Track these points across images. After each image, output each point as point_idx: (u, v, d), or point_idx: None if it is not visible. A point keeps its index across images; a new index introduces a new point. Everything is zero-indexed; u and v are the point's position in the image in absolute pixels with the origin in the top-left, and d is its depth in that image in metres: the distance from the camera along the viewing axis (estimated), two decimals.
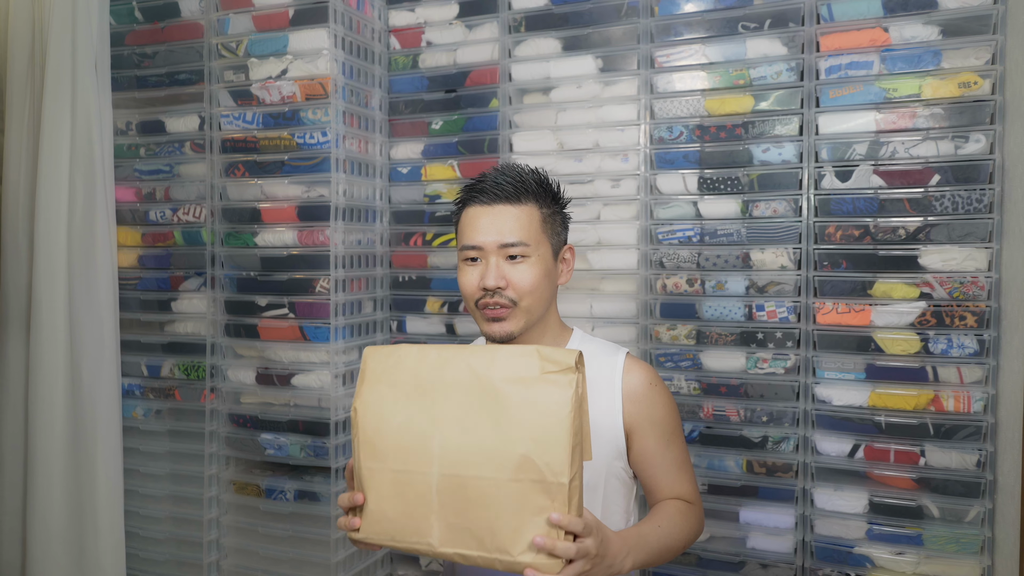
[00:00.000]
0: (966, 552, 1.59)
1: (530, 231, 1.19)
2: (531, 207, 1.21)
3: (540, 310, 1.22)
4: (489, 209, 1.20)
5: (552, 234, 1.24)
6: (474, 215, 1.21)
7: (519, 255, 1.18)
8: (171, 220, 2.11)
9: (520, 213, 1.19)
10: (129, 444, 2.11)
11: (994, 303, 1.58)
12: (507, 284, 1.18)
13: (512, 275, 1.18)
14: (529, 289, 1.18)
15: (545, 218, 1.22)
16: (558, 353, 0.97)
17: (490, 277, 1.17)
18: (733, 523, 1.77)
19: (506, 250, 1.18)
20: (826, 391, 1.69)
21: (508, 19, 1.97)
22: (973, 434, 1.59)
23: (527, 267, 1.18)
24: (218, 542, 2.08)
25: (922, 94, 1.62)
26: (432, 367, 1.02)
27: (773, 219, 1.74)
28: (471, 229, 1.21)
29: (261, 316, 1.99)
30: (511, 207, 1.19)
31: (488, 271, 1.18)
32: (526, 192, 1.21)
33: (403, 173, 2.11)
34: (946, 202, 1.60)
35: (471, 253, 1.21)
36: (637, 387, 1.23)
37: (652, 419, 1.23)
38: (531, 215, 1.20)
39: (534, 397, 0.95)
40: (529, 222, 1.19)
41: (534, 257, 1.19)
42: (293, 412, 1.97)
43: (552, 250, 1.23)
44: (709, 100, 1.78)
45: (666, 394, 1.26)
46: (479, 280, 1.19)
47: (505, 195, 1.19)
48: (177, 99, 2.09)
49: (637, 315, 1.86)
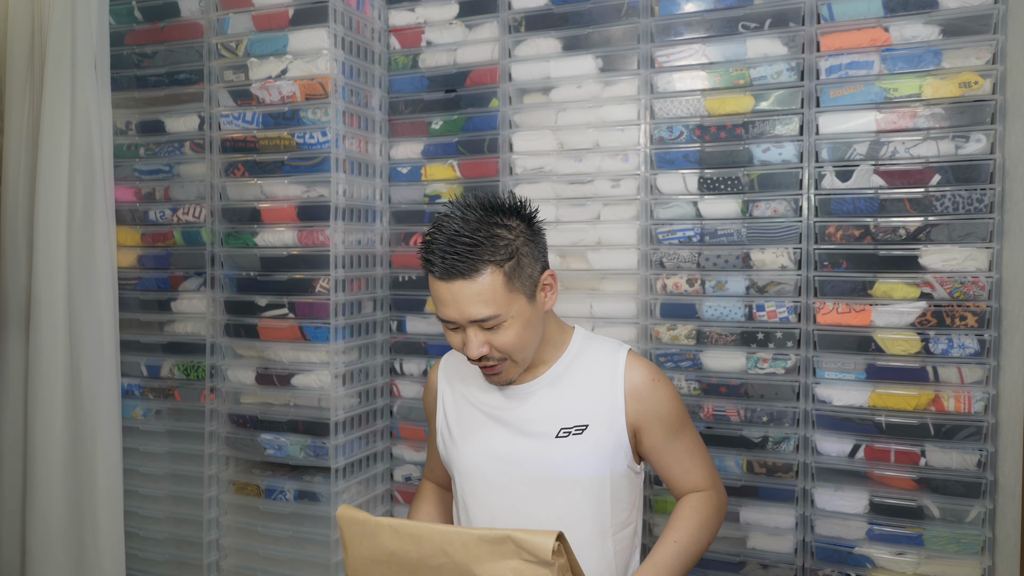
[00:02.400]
0: (967, 552, 1.59)
1: (495, 300, 1.13)
2: (491, 274, 1.13)
3: (531, 352, 1.23)
4: (447, 286, 1.14)
5: (522, 282, 1.17)
6: (436, 288, 1.16)
7: (493, 325, 1.15)
8: (171, 220, 2.11)
9: (480, 288, 1.13)
10: (129, 444, 2.11)
11: (995, 303, 1.58)
12: (491, 348, 1.17)
13: (493, 340, 1.17)
14: (512, 348, 1.18)
15: (508, 274, 1.14)
16: (534, 542, 0.94)
17: (472, 349, 1.16)
18: (733, 523, 1.77)
19: (479, 323, 1.15)
20: (826, 391, 1.69)
21: (508, 19, 1.96)
22: (974, 434, 1.59)
23: (505, 330, 1.16)
24: (218, 542, 2.08)
25: (922, 94, 1.61)
26: (409, 549, 1.01)
27: (773, 219, 1.74)
28: (438, 302, 1.17)
29: (261, 316, 1.99)
30: (468, 282, 1.12)
31: (469, 344, 1.17)
32: (480, 260, 1.12)
33: (403, 173, 2.11)
34: (947, 202, 1.60)
35: (448, 324, 1.19)
36: (639, 384, 1.24)
37: (658, 414, 1.24)
38: (492, 283, 1.13)
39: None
40: (492, 291, 1.13)
41: (509, 319, 1.16)
42: (293, 412, 1.97)
43: (527, 296, 1.18)
44: (709, 100, 1.78)
45: (669, 388, 1.27)
46: (463, 346, 1.19)
47: (459, 272, 1.12)
48: (177, 99, 2.09)
49: (637, 315, 1.85)
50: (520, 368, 1.23)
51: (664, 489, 1.82)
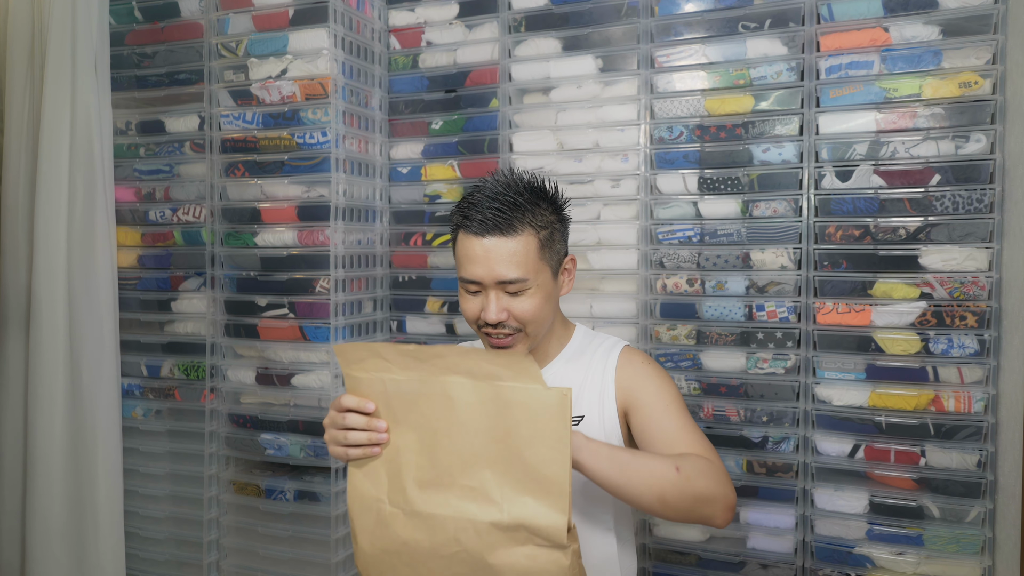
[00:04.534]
0: (966, 552, 1.59)
1: (527, 263, 1.13)
2: (527, 236, 1.13)
3: (544, 329, 1.21)
4: (481, 242, 1.12)
5: (551, 255, 1.17)
6: (467, 245, 1.15)
7: (518, 290, 1.14)
8: (171, 220, 2.11)
9: (515, 247, 1.12)
10: (129, 444, 2.11)
11: (994, 303, 1.58)
12: (509, 316, 1.15)
13: (513, 307, 1.15)
14: (531, 319, 1.16)
15: (543, 243, 1.15)
16: (548, 527, 0.93)
17: (491, 313, 1.14)
18: (733, 523, 1.77)
19: (503, 286, 1.14)
20: (826, 391, 1.69)
21: (508, 19, 1.96)
22: (973, 434, 1.59)
23: (527, 298, 1.15)
24: (218, 542, 2.08)
25: (922, 94, 1.62)
26: (421, 538, 1.00)
27: (773, 219, 1.74)
28: (466, 261, 1.15)
29: (261, 316, 1.99)
30: (505, 240, 1.12)
31: (488, 306, 1.14)
32: (520, 221, 1.13)
33: (403, 173, 2.11)
34: (946, 202, 1.60)
35: (470, 287, 1.17)
36: (627, 368, 1.23)
37: (646, 390, 1.20)
38: (527, 245, 1.13)
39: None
40: (525, 254, 1.13)
41: (534, 287, 1.15)
42: (293, 412, 1.97)
43: (552, 271, 1.18)
44: (709, 100, 1.78)
45: (658, 369, 1.24)
46: (480, 311, 1.16)
47: (497, 227, 1.12)
48: (177, 99, 2.09)
49: (637, 315, 1.85)
50: (529, 346, 1.20)
51: None
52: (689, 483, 1.03)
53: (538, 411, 0.92)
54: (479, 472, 0.95)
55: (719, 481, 1.06)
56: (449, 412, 0.97)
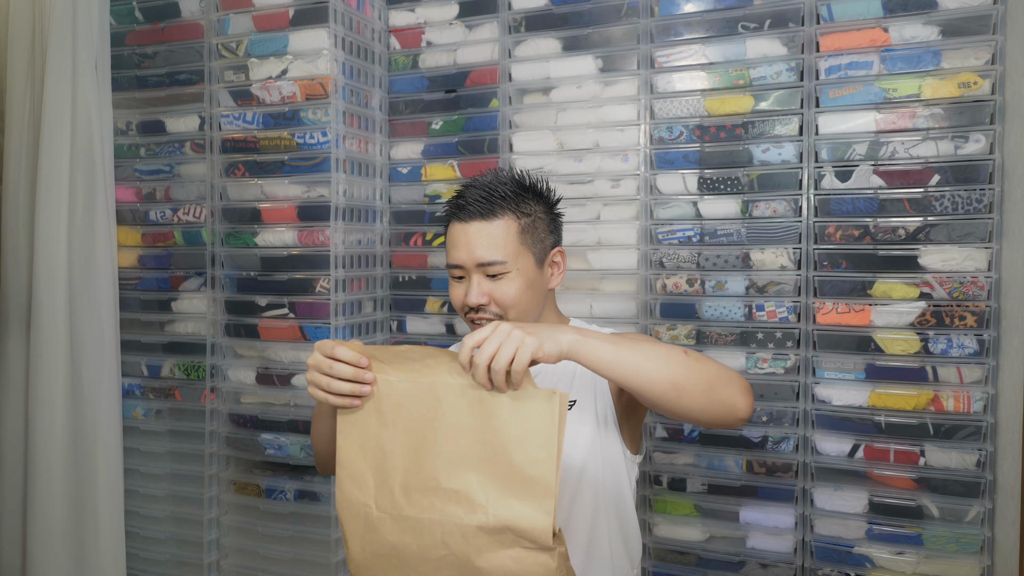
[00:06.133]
0: (966, 552, 1.59)
1: (506, 246, 1.17)
2: (506, 220, 1.18)
3: (529, 318, 1.23)
4: (465, 227, 1.18)
5: (535, 242, 1.21)
6: (453, 232, 1.20)
7: (497, 273, 1.17)
8: (171, 220, 2.11)
9: (494, 230, 1.17)
10: (129, 444, 2.11)
11: (994, 303, 1.58)
12: (489, 300, 1.18)
13: (494, 291, 1.18)
14: (511, 303, 1.18)
15: (524, 228, 1.19)
16: (533, 529, 0.92)
17: (472, 295, 1.18)
18: (733, 523, 1.77)
19: (483, 268, 1.17)
20: (826, 391, 1.69)
21: (508, 19, 1.97)
22: (973, 434, 1.59)
23: (507, 282, 1.18)
24: (218, 542, 2.08)
25: (922, 94, 1.62)
26: (410, 541, 1.00)
27: (773, 219, 1.74)
28: (451, 246, 1.21)
29: (261, 316, 1.99)
30: (485, 224, 1.17)
31: (471, 289, 1.18)
32: (501, 207, 1.18)
33: (403, 173, 2.11)
34: (946, 202, 1.60)
35: (455, 272, 1.21)
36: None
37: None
38: (507, 229, 1.18)
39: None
40: (504, 237, 1.17)
41: (513, 271, 1.18)
42: (293, 412, 1.97)
43: (535, 258, 1.21)
44: (709, 100, 1.78)
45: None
46: (464, 296, 1.20)
47: (478, 211, 1.17)
48: (177, 99, 2.09)
49: (637, 315, 1.86)
50: None
51: (664, 489, 1.83)
52: (700, 363, 0.99)
53: (527, 410, 0.92)
54: (465, 474, 0.96)
55: (727, 366, 1.03)
56: (436, 414, 0.97)
